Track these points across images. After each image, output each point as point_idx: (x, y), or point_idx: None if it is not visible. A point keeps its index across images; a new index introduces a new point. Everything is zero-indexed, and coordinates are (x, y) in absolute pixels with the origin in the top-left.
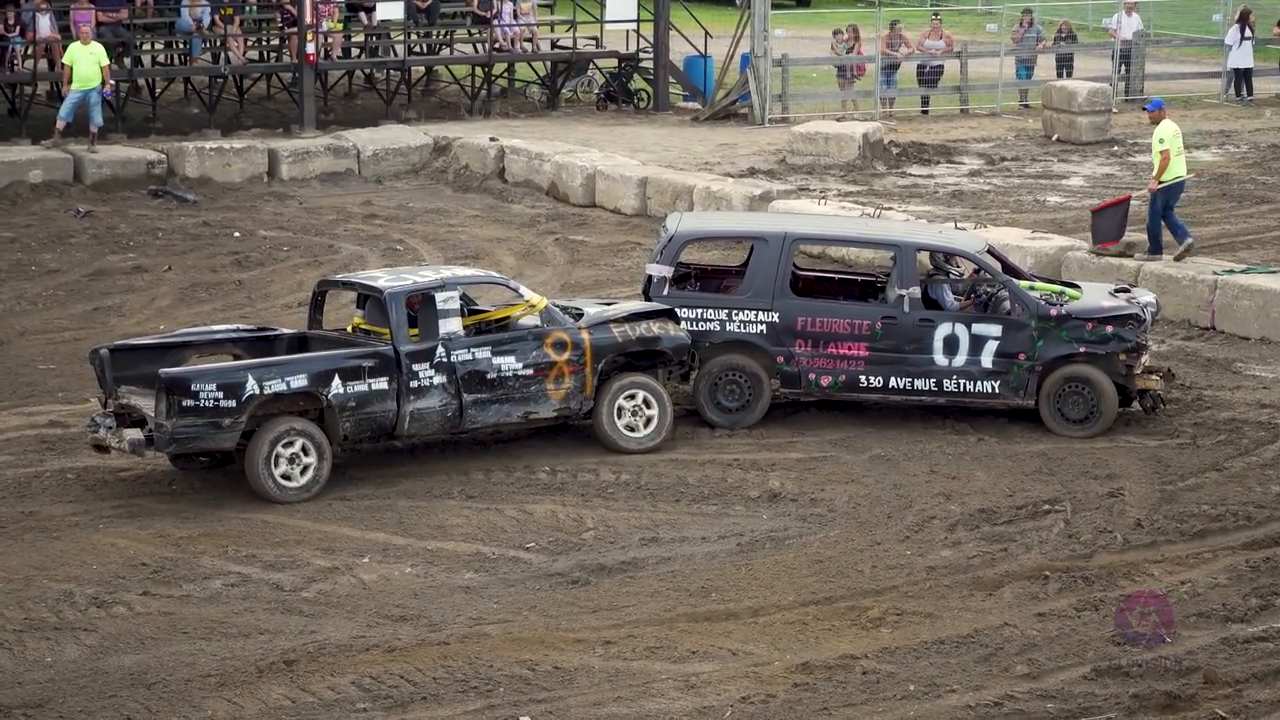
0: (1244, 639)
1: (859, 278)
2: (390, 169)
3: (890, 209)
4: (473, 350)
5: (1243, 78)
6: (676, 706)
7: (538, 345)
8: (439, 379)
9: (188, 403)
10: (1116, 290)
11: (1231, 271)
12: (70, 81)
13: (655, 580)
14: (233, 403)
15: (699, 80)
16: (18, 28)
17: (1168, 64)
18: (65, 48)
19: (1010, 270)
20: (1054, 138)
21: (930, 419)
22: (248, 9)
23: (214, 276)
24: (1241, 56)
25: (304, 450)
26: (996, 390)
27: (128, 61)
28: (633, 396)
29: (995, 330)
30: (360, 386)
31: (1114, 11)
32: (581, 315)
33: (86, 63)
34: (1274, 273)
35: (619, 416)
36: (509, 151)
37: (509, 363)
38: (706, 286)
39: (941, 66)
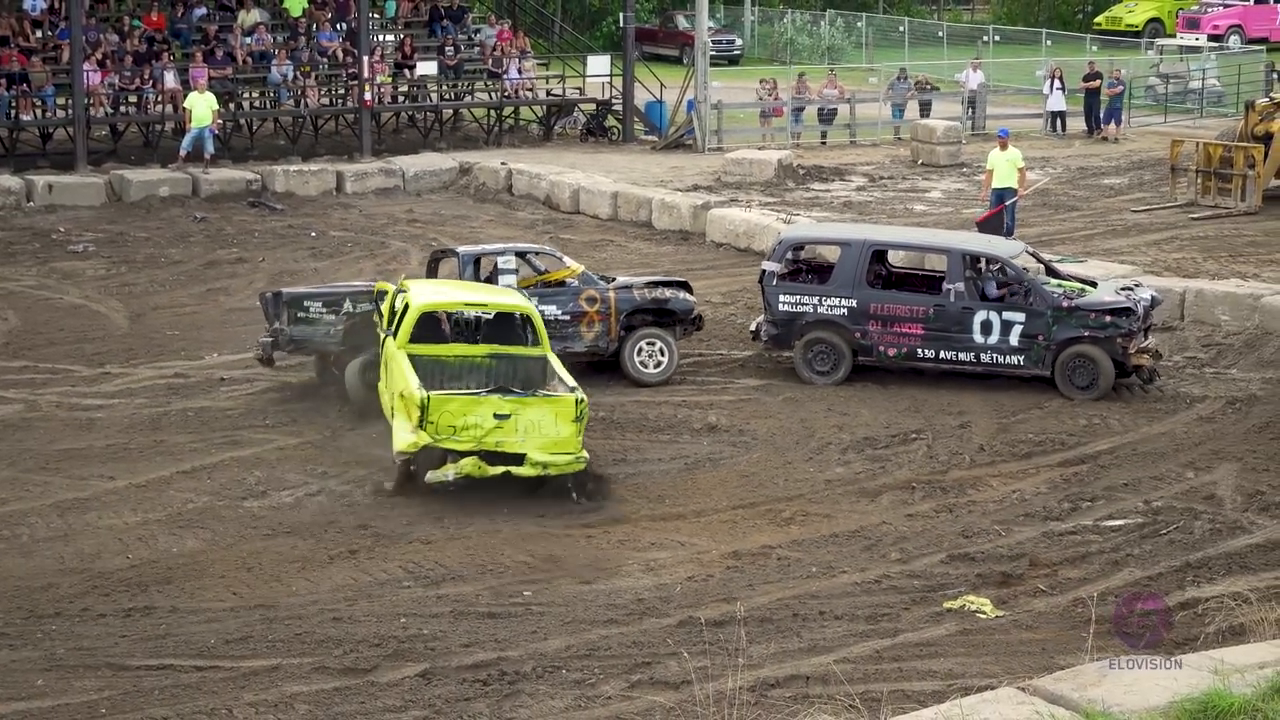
0: (1059, 533)
1: (921, 273)
2: (427, 185)
3: (798, 215)
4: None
5: (1058, 118)
6: (640, 584)
7: (574, 298)
8: None
9: (301, 314)
10: (1122, 288)
11: (1052, 260)
12: (190, 121)
13: (624, 490)
14: (333, 316)
15: (656, 119)
16: (151, 81)
17: (1003, 107)
18: (185, 95)
19: (1050, 269)
20: (919, 162)
21: None
22: (321, 67)
23: (296, 265)
24: (1056, 102)
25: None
26: (1021, 363)
27: (232, 106)
28: (651, 344)
29: (1020, 317)
30: None
31: (963, 69)
32: (613, 281)
33: (201, 107)
34: (1081, 262)
35: (638, 356)
36: (515, 172)
37: (551, 310)
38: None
39: (836, 109)
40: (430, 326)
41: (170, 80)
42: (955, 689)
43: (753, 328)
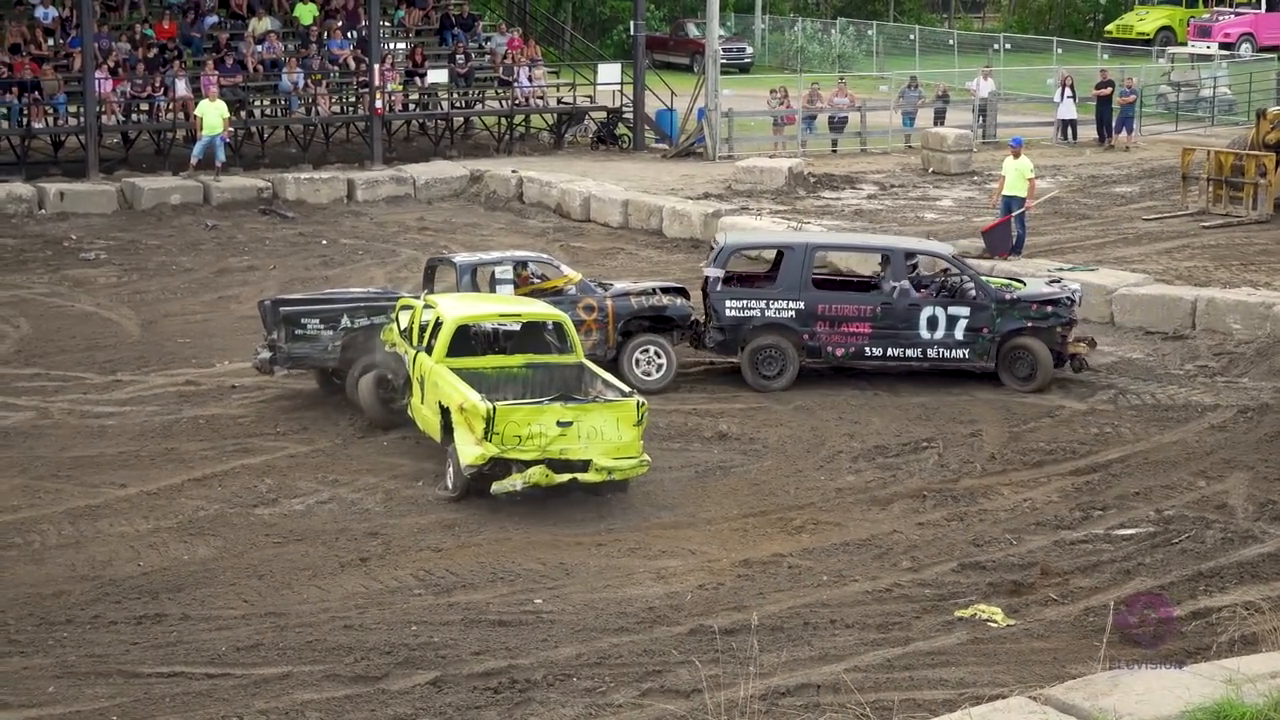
0: (1070, 542)
1: (854, 278)
2: (437, 193)
3: (809, 223)
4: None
5: (1069, 126)
6: (650, 592)
7: (571, 307)
8: None
9: (298, 331)
10: (1050, 281)
11: (1062, 269)
12: (201, 129)
13: (635, 498)
14: (330, 332)
15: (667, 127)
16: (162, 88)
17: (1014, 116)
18: (197, 103)
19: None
20: (930, 170)
21: (841, 379)
22: (332, 75)
23: (307, 273)
24: (1067, 110)
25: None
26: (966, 356)
27: (243, 114)
28: (647, 350)
29: (965, 311)
30: None
31: (974, 77)
32: (610, 288)
33: (212, 115)
34: (1093, 270)
35: (636, 364)
36: (526, 180)
37: None
38: (747, 283)
39: (846, 117)
40: (464, 340)
41: (182, 88)
42: (966, 698)
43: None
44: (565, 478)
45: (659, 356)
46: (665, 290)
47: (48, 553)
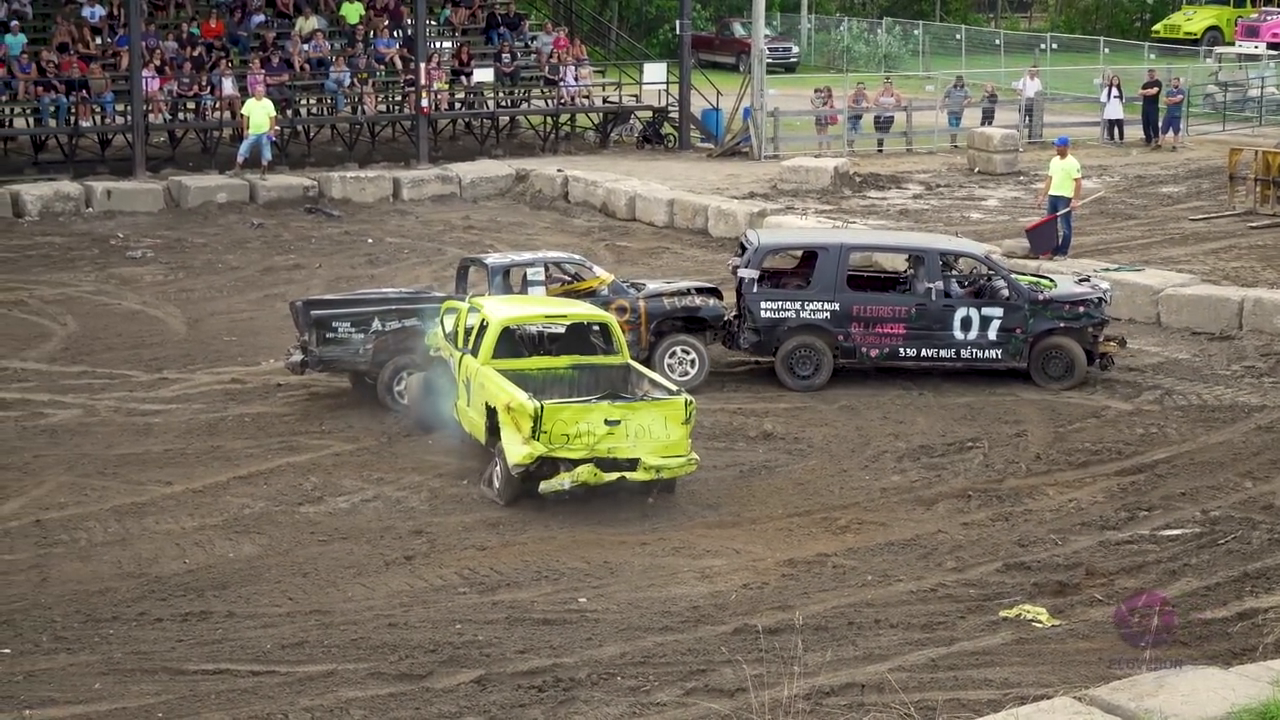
0: (1116, 542)
1: (883, 275)
2: (483, 192)
3: (854, 223)
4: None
5: (1115, 126)
6: (695, 591)
7: (603, 308)
8: None
9: (329, 334)
10: (1080, 280)
11: (1108, 269)
12: (247, 128)
13: (679, 498)
14: (361, 334)
15: (712, 126)
16: (209, 87)
17: (1060, 115)
18: (243, 102)
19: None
20: (975, 170)
21: (885, 378)
22: (378, 74)
23: (352, 272)
24: (1114, 110)
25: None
26: (999, 356)
27: (289, 113)
28: (679, 351)
29: (999, 311)
30: None
31: (1020, 77)
32: (643, 288)
33: (259, 114)
34: (1139, 270)
35: (669, 365)
36: (571, 179)
37: None
38: (780, 283)
39: (892, 117)
40: (509, 341)
41: (228, 87)
42: (1011, 698)
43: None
44: (613, 476)
45: (691, 358)
46: (699, 290)
47: (94, 550)
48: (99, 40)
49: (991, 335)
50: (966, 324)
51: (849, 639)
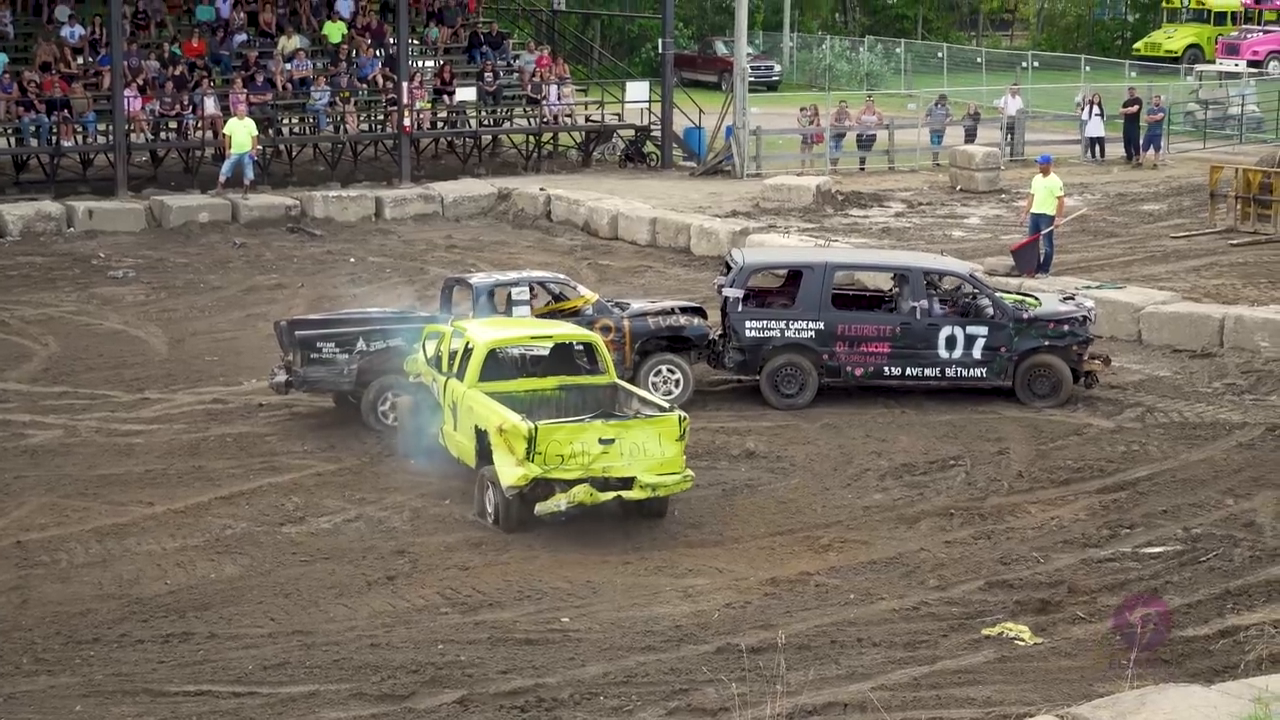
0: (1098, 560)
1: (867, 294)
2: (465, 211)
3: (836, 241)
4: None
5: (1097, 144)
6: (678, 611)
7: (588, 327)
8: None
9: (314, 355)
10: (1065, 298)
11: (1090, 287)
12: (229, 147)
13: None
14: (346, 355)
15: (695, 145)
16: (191, 107)
17: (1041, 134)
18: (225, 122)
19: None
20: (957, 188)
21: (868, 396)
22: (360, 93)
23: (335, 291)
24: (1095, 128)
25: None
26: (984, 375)
27: (271, 132)
28: (664, 370)
29: (984, 330)
30: None
31: (1002, 95)
32: (627, 308)
33: (241, 133)
34: (1120, 288)
35: (653, 384)
36: (554, 198)
37: None
38: (764, 302)
39: (875, 135)
40: (495, 363)
41: (210, 106)
42: (994, 716)
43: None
44: (609, 496)
45: (676, 375)
46: (683, 310)
47: (75, 571)
48: (81, 60)
49: (976, 354)
50: (951, 343)
51: (832, 658)
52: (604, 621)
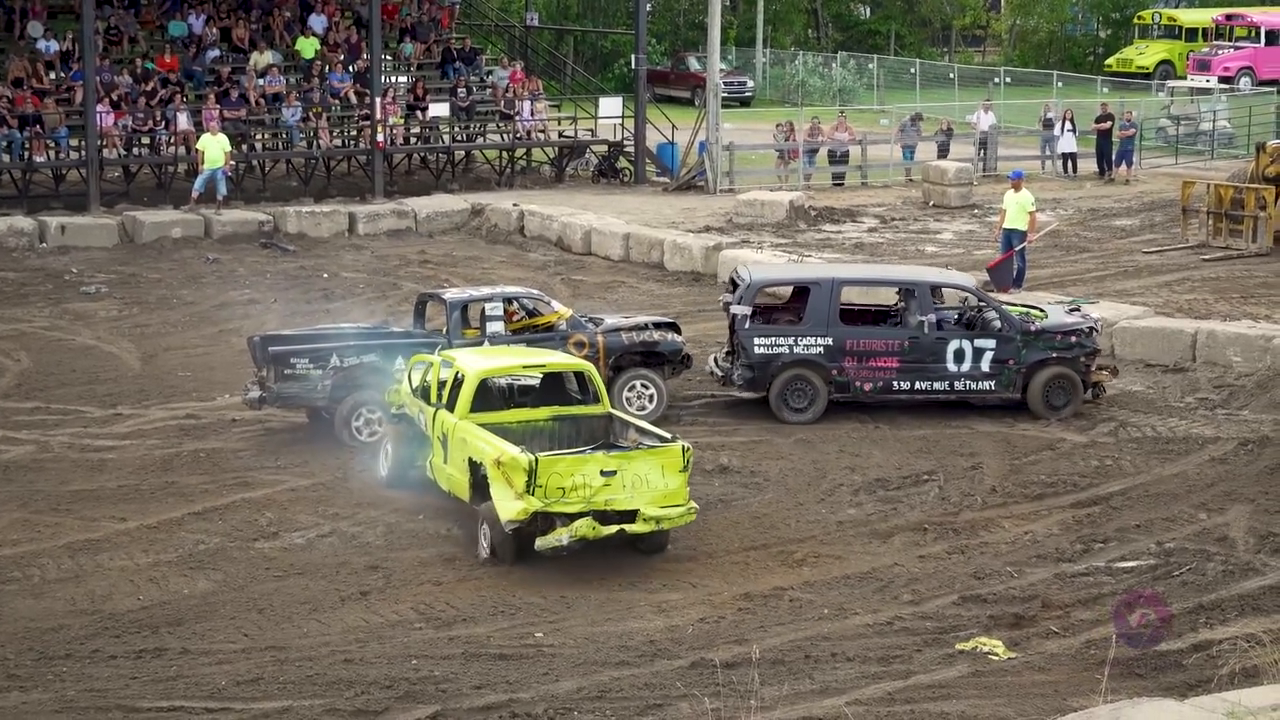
0: (1071, 574)
1: (874, 309)
2: (439, 227)
3: (809, 256)
4: (511, 345)
5: (1069, 159)
6: (651, 626)
7: (561, 343)
8: None
9: (288, 371)
10: (1070, 310)
11: (1062, 302)
12: (202, 163)
13: None
14: (320, 371)
15: (668, 160)
16: (164, 122)
17: (1014, 149)
18: (198, 137)
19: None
20: (930, 203)
21: (841, 411)
22: (333, 108)
23: (308, 307)
24: (1067, 144)
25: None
26: (993, 388)
27: (244, 147)
28: (638, 385)
29: (991, 343)
30: None
31: (974, 111)
32: (601, 323)
33: (214, 148)
34: (1093, 303)
35: (627, 398)
36: (527, 214)
37: None
38: (770, 318)
39: (848, 151)
40: (485, 394)
41: (183, 122)
42: None
43: (714, 370)
44: (612, 529)
45: (650, 391)
46: (657, 325)
47: (47, 587)
48: (53, 75)
49: (985, 367)
50: (960, 356)
51: (805, 673)
52: (578, 637)
